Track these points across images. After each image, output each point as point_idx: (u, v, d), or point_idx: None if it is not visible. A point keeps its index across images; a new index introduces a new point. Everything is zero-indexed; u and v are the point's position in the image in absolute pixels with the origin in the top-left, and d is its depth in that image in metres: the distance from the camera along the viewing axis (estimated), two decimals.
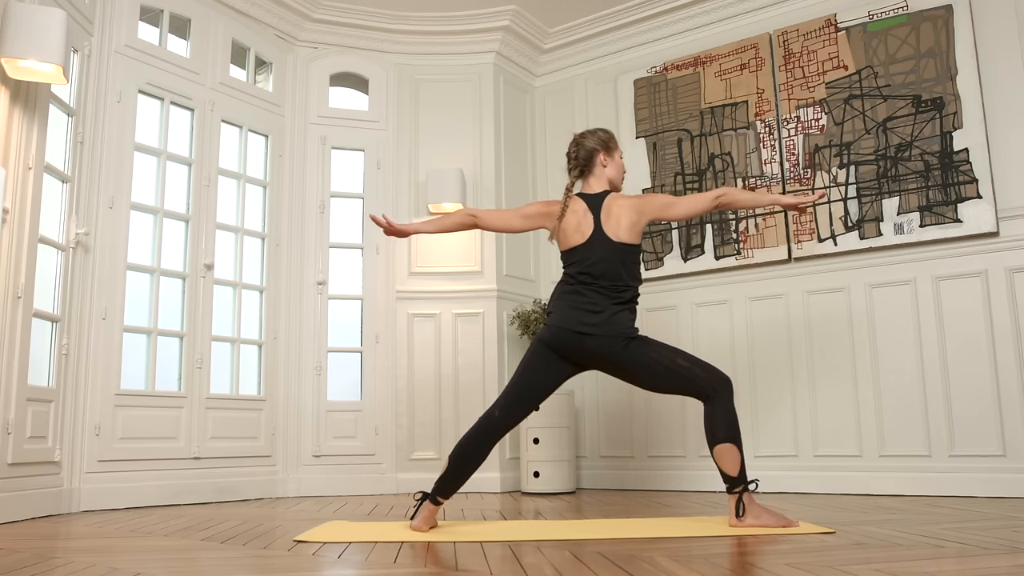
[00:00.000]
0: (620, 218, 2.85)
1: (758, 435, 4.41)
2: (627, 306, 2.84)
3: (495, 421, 2.80)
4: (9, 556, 2.23)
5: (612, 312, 2.79)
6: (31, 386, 3.32)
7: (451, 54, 5.23)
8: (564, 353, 2.82)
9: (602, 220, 2.85)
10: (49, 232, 3.53)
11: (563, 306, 2.84)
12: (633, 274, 2.86)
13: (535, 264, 5.36)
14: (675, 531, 2.59)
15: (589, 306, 2.80)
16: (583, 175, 2.99)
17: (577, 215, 2.89)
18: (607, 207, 2.87)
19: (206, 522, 3.12)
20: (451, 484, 2.81)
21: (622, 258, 2.83)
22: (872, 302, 4.17)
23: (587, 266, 2.83)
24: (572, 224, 2.88)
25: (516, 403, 2.83)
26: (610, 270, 2.81)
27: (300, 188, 4.86)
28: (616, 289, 2.81)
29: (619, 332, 2.78)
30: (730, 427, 2.73)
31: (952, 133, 4.02)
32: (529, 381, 2.83)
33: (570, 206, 2.90)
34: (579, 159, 2.98)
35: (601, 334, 2.76)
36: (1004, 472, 3.73)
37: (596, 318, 2.77)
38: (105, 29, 4.01)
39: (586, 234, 2.85)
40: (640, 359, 2.78)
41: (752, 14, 4.76)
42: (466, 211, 3.00)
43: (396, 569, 1.94)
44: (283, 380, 4.64)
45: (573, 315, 2.80)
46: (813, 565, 1.88)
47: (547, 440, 4.55)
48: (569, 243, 2.89)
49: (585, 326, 2.77)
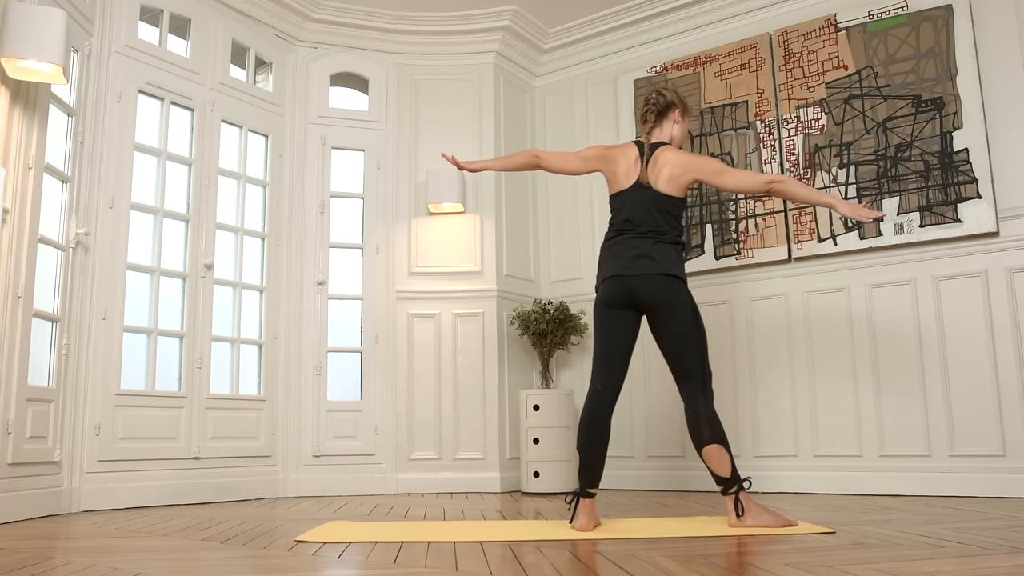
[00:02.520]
0: (663, 168, 2.88)
1: (758, 435, 4.41)
2: (670, 243, 2.86)
3: (601, 395, 2.85)
4: (9, 556, 2.23)
5: (656, 251, 2.82)
6: (31, 386, 3.32)
7: (451, 54, 5.23)
8: (619, 304, 2.85)
9: (648, 168, 2.90)
10: (49, 232, 3.53)
11: (606, 260, 2.91)
12: (671, 224, 2.88)
13: (535, 264, 5.36)
14: (675, 531, 2.59)
15: (630, 251, 2.84)
16: (656, 124, 3.00)
17: (628, 160, 2.95)
18: (656, 157, 2.91)
19: (206, 522, 3.12)
20: (591, 472, 2.82)
21: (659, 207, 2.86)
22: (872, 302, 4.17)
23: (627, 212, 2.89)
24: (622, 169, 2.96)
25: (608, 369, 2.86)
26: (648, 218, 2.85)
27: (300, 188, 4.86)
28: (655, 235, 2.84)
29: (664, 269, 2.80)
30: (714, 428, 2.76)
31: (952, 133, 4.02)
32: (605, 345, 2.87)
33: (624, 151, 2.98)
34: (658, 105, 2.99)
35: (647, 274, 2.79)
36: (1004, 472, 3.73)
37: (639, 261, 2.81)
38: (105, 29, 4.01)
39: (631, 180, 2.92)
40: (686, 315, 2.80)
41: (752, 14, 4.76)
42: (531, 151, 3.13)
43: (396, 569, 1.94)
44: (283, 380, 4.64)
45: (615, 264, 2.86)
46: (813, 565, 1.88)
47: (547, 440, 4.55)
48: (615, 187, 2.97)
49: (629, 269, 2.82)
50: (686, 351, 2.81)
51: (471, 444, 4.81)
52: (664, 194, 2.87)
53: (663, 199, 2.87)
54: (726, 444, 2.75)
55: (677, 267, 2.84)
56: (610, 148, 3.03)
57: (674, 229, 2.89)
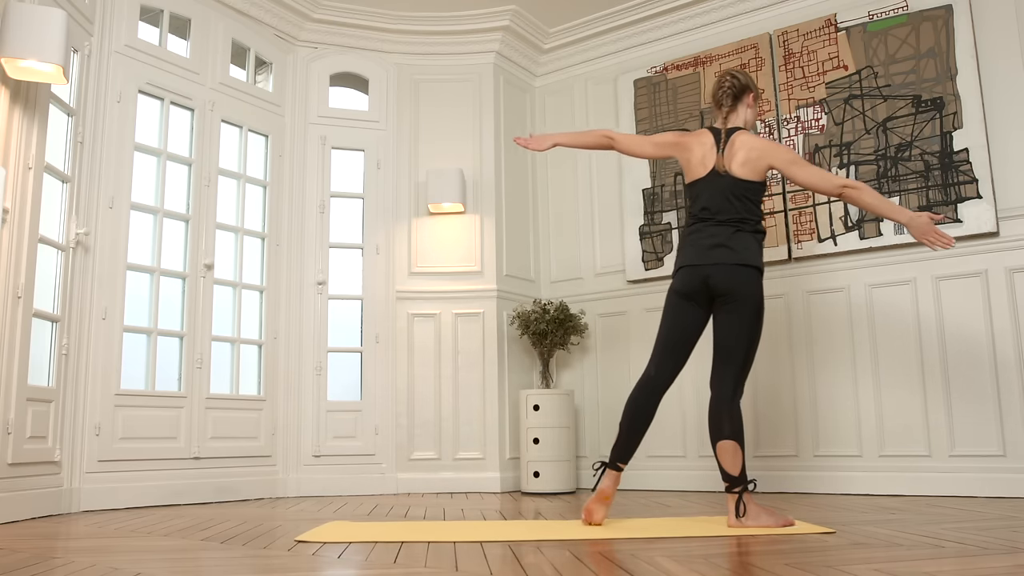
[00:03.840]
0: (737, 152, 2.86)
1: (758, 435, 4.41)
2: (749, 231, 2.83)
3: (653, 381, 2.87)
4: (9, 556, 2.23)
5: (735, 240, 2.80)
6: (31, 386, 3.32)
7: (451, 54, 5.23)
8: (693, 295, 2.84)
9: (724, 153, 2.87)
10: (49, 232, 3.53)
11: (684, 248, 2.89)
12: (750, 209, 2.85)
13: (535, 264, 5.36)
14: (675, 531, 2.59)
15: (708, 239, 2.82)
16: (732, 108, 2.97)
17: (703, 147, 2.93)
18: (731, 142, 2.89)
19: (206, 522, 3.12)
20: (626, 448, 2.87)
21: (737, 192, 2.84)
22: (872, 302, 4.17)
23: (704, 200, 2.87)
24: (697, 156, 2.94)
25: (666, 358, 2.88)
26: (727, 205, 2.83)
27: (300, 188, 4.86)
28: (734, 222, 2.82)
29: (741, 256, 2.77)
30: (735, 425, 2.76)
31: (952, 133, 4.02)
32: (671, 333, 2.88)
33: (699, 138, 2.95)
34: (734, 89, 2.97)
35: (725, 263, 2.78)
36: (1004, 472, 3.73)
37: (716, 251, 2.79)
38: (105, 29, 4.01)
39: (708, 167, 2.90)
40: (750, 309, 2.78)
41: (752, 14, 4.76)
42: (604, 131, 3.10)
43: (396, 569, 1.94)
44: (283, 380, 4.64)
45: (692, 252, 2.85)
46: (813, 565, 1.88)
47: (547, 440, 4.55)
48: (692, 175, 2.94)
49: (705, 258, 2.80)
50: (736, 343, 2.79)
51: (471, 444, 4.81)
52: (741, 179, 2.84)
53: (740, 184, 2.84)
54: (742, 443, 2.75)
55: (755, 257, 2.80)
56: (684, 135, 3.00)
57: (754, 216, 2.86)
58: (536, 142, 3.10)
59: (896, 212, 2.76)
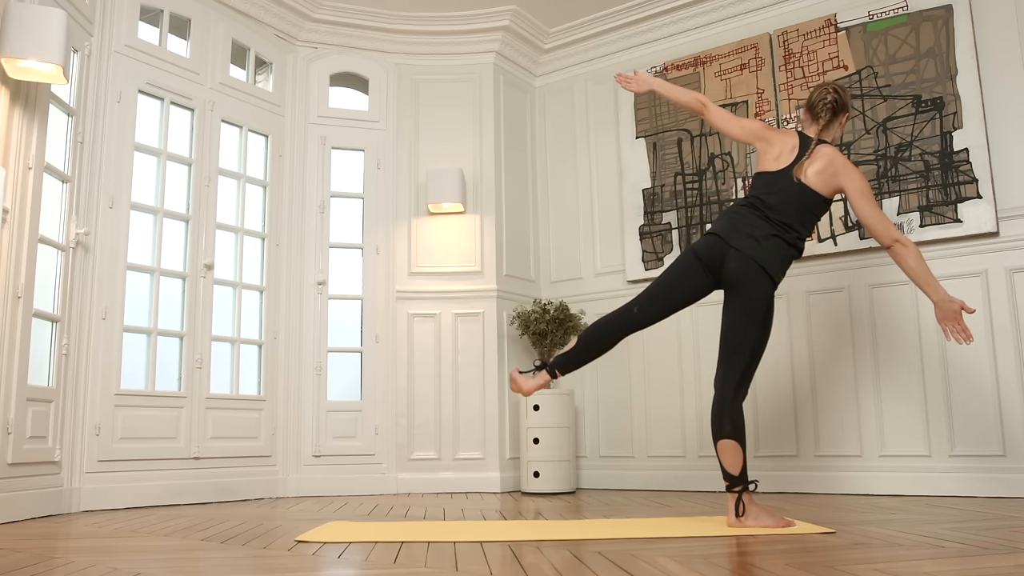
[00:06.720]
0: (816, 161, 2.86)
1: (759, 435, 4.41)
2: (785, 242, 2.82)
3: (631, 316, 2.88)
4: (9, 556, 2.23)
5: (768, 242, 2.79)
6: (31, 386, 3.32)
7: (451, 54, 5.23)
8: (708, 263, 2.85)
9: (803, 159, 2.87)
10: (49, 232, 3.53)
11: (725, 219, 2.89)
12: (802, 219, 2.84)
13: (535, 264, 5.36)
14: (675, 531, 2.59)
15: (749, 227, 2.82)
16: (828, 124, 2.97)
17: (784, 145, 2.94)
18: (816, 150, 2.89)
19: (206, 522, 3.12)
20: (573, 362, 2.91)
21: (800, 199, 2.83)
22: (872, 302, 4.17)
23: (765, 194, 2.86)
24: (775, 151, 2.94)
25: (653, 304, 2.88)
26: (785, 207, 2.83)
27: (300, 188, 4.86)
28: (779, 224, 2.81)
29: (762, 258, 2.76)
30: (736, 425, 2.75)
31: (952, 133, 4.02)
32: (669, 285, 2.89)
33: (783, 135, 2.97)
34: (835, 105, 2.97)
35: (746, 254, 2.77)
36: (1004, 472, 3.73)
37: (749, 240, 2.79)
38: (105, 29, 4.01)
39: (780, 165, 2.90)
40: (758, 308, 2.77)
41: (752, 14, 4.76)
42: (700, 96, 3.12)
43: (396, 569, 1.94)
44: (283, 380, 4.64)
45: (727, 225, 2.85)
46: (813, 565, 1.88)
47: (547, 440, 4.55)
48: (762, 167, 2.95)
49: (734, 239, 2.80)
50: (740, 341, 2.78)
51: (471, 444, 4.81)
52: (808, 187, 2.83)
53: (805, 191, 2.83)
54: (743, 443, 2.74)
55: (775, 267, 2.79)
56: (771, 129, 3.02)
57: (802, 227, 2.84)
58: (636, 82, 3.15)
59: (932, 288, 2.74)
